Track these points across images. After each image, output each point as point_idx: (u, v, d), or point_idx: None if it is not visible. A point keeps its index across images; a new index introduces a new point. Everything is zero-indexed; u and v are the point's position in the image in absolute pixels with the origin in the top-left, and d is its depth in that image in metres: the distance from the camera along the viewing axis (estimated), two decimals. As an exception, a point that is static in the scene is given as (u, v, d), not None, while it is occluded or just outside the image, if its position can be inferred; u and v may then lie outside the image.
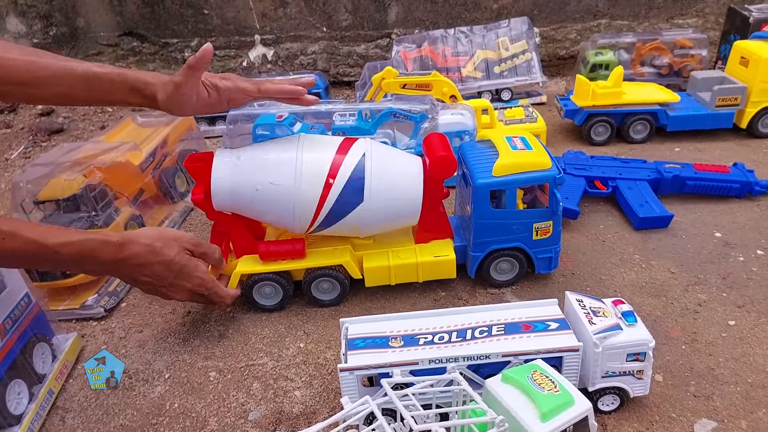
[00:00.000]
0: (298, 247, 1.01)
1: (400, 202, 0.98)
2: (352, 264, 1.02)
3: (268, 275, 1.01)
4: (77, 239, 0.81)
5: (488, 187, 0.97)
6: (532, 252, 1.03)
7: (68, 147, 1.28)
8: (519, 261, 1.04)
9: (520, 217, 1.00)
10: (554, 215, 1.01)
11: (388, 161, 0.98)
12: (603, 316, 0.78)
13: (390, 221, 1.01)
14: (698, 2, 2.17)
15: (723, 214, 1.24)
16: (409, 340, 0.79)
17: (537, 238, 1.02)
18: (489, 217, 0.99)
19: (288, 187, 0.93)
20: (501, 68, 1.89)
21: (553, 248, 1.04)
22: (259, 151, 0.97)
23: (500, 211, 0.99)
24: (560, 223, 1.03)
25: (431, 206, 1.01)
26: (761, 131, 1.58)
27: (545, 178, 0.98)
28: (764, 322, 0.94)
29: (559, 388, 0.67)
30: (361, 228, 1.00)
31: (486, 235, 1.01)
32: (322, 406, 0.84)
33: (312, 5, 2.18)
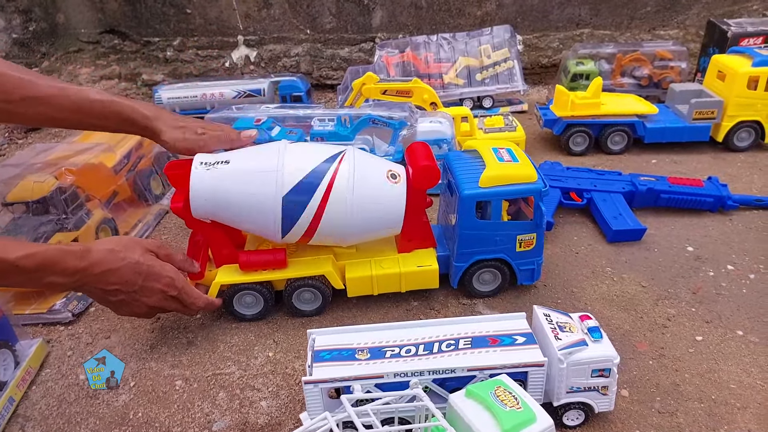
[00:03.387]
0: (280, 257, 1.00)
1: (382, 212, 0.98)
2: (334, 274, 1.02)
3: (249, 285, 1.00)
4: (38, 250, 0.79)
5: (474, 198, 0.97)
6: (515, 264, 1.03)
7: (41, 147, 1.27)
8: (501, 272, 1.04)
9: (505, 228, 1.01)
10: (538, 228, 1.01)
11: (370, 171, 0.97)
12: (569, 332, 0.78)
13: (373, 231, 1.00)
14: (680, 14, 2.19)
15: (696, 228, 1.25)
16: (375, 352, 0.78)
17: (520, 249, 1.02)
18: (474, 228, 1.00)
19: (269, 197, 0.92)
20: (483, 75, 1.90)
21: (536, 260, 1.04)
22: (240, 160, 0.95)
23: (485, 222, 1.00)
24: (543, 236, 1.03)
25: (414, 215, 1.01)
26: (737, 145, 1.59)
27: (531, 191, 0.98)
28: (730, 338, 0.95)
29: (521, 404, 0.67)
30: (344, 237, 0.99)
31: (470, 246, 1.01)
32: (287, 418, 0.83)
33: (296, 7, 2.17)
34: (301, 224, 0.94)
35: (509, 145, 1.05)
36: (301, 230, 0.95)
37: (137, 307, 0.90)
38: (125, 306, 0.90)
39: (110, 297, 0.87)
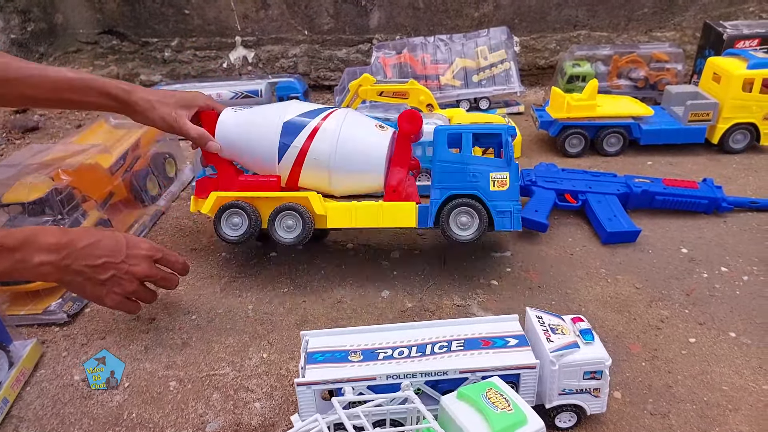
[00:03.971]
0: (273, 180, 1.09)
1: (365, 148, 1.06)
2: (316, 198, 1.07)
3: (239, 203, 1.07)
4: (17, 230, 0.83)
5: (446, 131, 1.06)
6: (491, 204, 1.04)
7: (37, 148, 1.27)
8: (478, 213, 1.04)
9: (476, 162, 1.05)
10: (510, 167, 1.05)
11: (362, 118, 1.10)
12: (561, 334, 0.78)
13: (356, 171, 1.07)
14: (676, 16, 2.19)
15: (690, 230, 1.26)
16: (368, 354, 0.78)
17: (494, 189, 1.04)
18: (447, 161, 1.05)
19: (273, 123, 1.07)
20: (479, 77, 1.90)
21: (512, 204, 1.05)
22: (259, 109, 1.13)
23: (457, 155, 1.06)
24: (518, 180, 1.05)
25: (398, 164, 1.09)
26: (732, 147, 1.60)
27: (498, 128, 1.09)
28: (723, 339, 0.95)
29: (512, 406, 0.67)
30: (330, 174, 1.07)
31: (445, 180, 1.05)
32: (281, 419, 0.84)
33: (294, 8, 2.17)
34: (295, 146, 1.05)
35: None
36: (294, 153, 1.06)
37: (128, 282, 0.93)
38: (117, 284, 0.92)
39: (100, 275, 0.89)
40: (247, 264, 1.19)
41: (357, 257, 1.20)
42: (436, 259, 1.19)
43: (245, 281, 1.14)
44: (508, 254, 1.20)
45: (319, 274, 1.15)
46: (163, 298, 1.09)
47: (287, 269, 1.17)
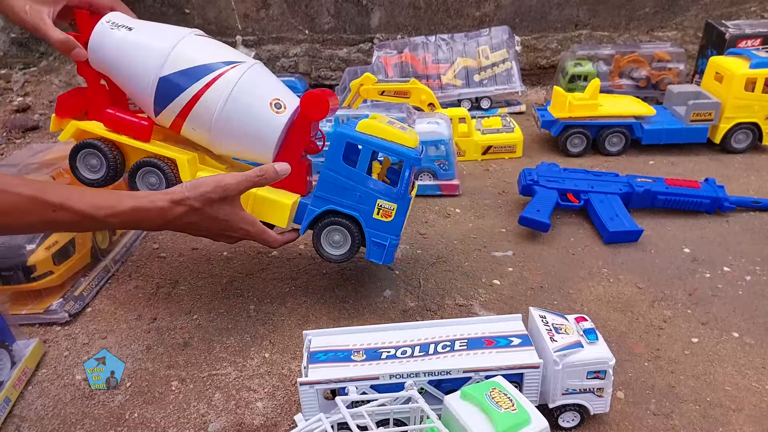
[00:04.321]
0: (145, 124, 0.97)
1: (252, 135, 0.96)
2: (185, 164, 0.98)
3: (97, 144, 0.98)
4: (125, 210, 0.83)
5: (345, 138, 0.93)
6: (368, 231, 0.97)
7: (37, 148, 1.26)
8: (352, 235, 0.97)
9: (366, 184, 0.95)
10: (401, 200, 0.95)
11: (256, 91, 0.95)
12: (565, 333, 0.78)
13: (238, 147, 0.99)
14: (678, 15, 2.19)
15: (692, 230, 1.26)
16: (371, 354, 0.78)
17: (377, 217, 0.96)
18: (336, 171, 0.95)
19: (148, 76, 0.93)
20: (481, 76, 1.90)
21: (390, 238, 0.97)
22: (142, 32, 0.96)
23: (349, 168, 0.94)
24: (405, 214, 0.97)
25: (292, 148, 0.98)
26: (734, 147, 1.60)
27: (402, 154, 0.93)
28: (726, 339, 0.95)
29: (516, 406, 0.67)
30: (213, 133, 0.96)
31: (328, 190, 0.96)
32: (283, 419, 0.84)
33: (295, 7, 2.17)
34: (172, 109, 0.95)
35: None
36: (171, 116, 0.96)
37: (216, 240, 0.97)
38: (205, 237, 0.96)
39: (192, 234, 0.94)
40: (249, 263, 1.18)
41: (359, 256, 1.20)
42: (438, 258, 1.19)
43: (246, 280, 1.13)
44: (509, 254, 1.19)
45: (320, 273, 1.15)
46: (165, 298, 1.09)
47: (288, 268, 1.16)
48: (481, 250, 1.21)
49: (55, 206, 0.77)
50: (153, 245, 1.25)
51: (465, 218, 1.34)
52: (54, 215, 0.78)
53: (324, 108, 0.95)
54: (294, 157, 0.99)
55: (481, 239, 1.25)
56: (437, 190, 1.42)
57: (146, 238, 1.28)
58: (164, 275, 1.15)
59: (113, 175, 1.00)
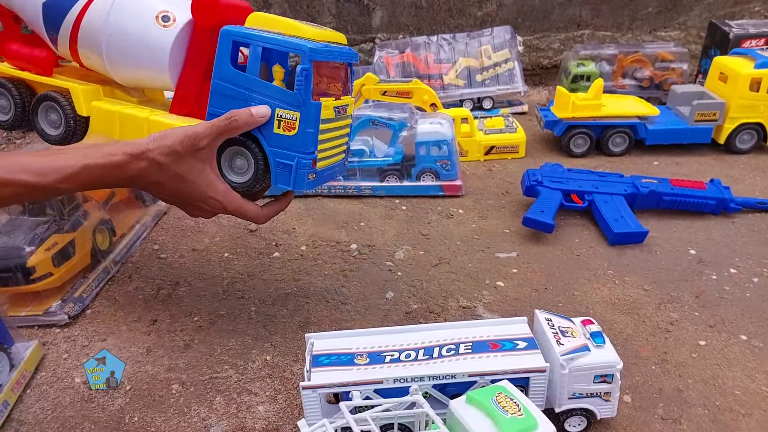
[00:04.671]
0: (42, 55, 0.91)
1: (141, 38, 0.84)
2: (78, 92, 0.89)
3: (2, 82, 0.93)
4: (74, 171, 0.73)
5: (229, 35, 0.79)
6: (270, 150, 0.80)
7: (38, 148, 1.25)
8: (254, 158, 0.81)
9: (261, 90, 0.79)
10: (303, 106, 0.78)
11: (137, 6, 0.85)
12: (571, 337, 0.77)
13: (134, 63, 0.87)
14: (681, 15, 2.18)
15: (698, 231, 1.24)
16: (375, 357, 0.77)
17: (278, 131, 0.80)
18: (226, 78, 0.80)
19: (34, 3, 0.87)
20: (483, 76, 1.89)
21: (299, 157, 0.80)
22: None
23: (239, 74, 0.79)
24: (313, 126, 0.79)
25: (192, 65, 0.86)
26: (738, 147, 1.59)
27: (295, 47, 0.77)
28: (734, 342, 0.94)
29: (523, 411, 0.66)
30: (105, 59, 0.87)
31: (221, 104, 0.81)
32: (285, 423, 0.82)
33: (296, 7, 2.16)
34: (63, 35, 0.87)
35: None
36: (65, 43, 0.88)
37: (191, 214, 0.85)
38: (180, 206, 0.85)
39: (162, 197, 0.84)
40: (250, 264, 1.17)
41: (360, 258, 1.19)
42: (441, 259, 1.17)
43: (248, 282, 1.12)
44: (513, 255, 1.18)
45: (322, 274, 1.14)
46: (165, 299, 1.07)
47: (290, 270, 1.15)
48: (484, 251, 1.20)
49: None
50: (153, 246, 1.24)
51: (468, 219, 1.33)
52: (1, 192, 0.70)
53: (214, 10, 0.80)
54: (196, 76, 0.86)
55: (484, 240, 1.24)
56: (440, 191, 1.41)
57: (146, 239, 1.26)
58: (164, 277, 1.14)
59: (22, 115, 0.95)
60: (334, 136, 0.86)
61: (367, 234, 1.27)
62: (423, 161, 1.39)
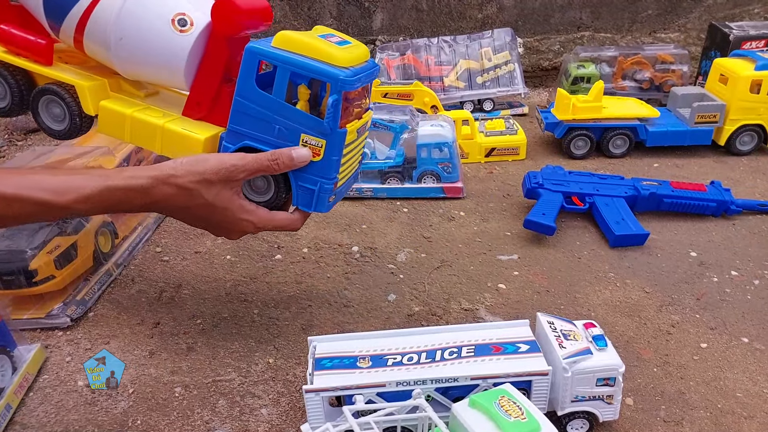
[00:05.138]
0: (42, 42, 0.84)
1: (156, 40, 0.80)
2: (85, 90, 0.84)
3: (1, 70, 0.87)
4: (94, 192, 0.71)
5: (256, 55, 0.76)
6: (293, 173, 0.80)
7: (40, 151, 1.26)
8: (275, 178, 0.81)
9: (286, 114, 0.78)
10: (330, 135, 0.77)
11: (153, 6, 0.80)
12: (574, 340, 0.77)
13: (146, 64, 0.83)
14: (681, 17, 2.18)
15: (699, 233, 1.25)
16: (377, 360, 0.77)
17: None
18: (249, 97, 0.78)
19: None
20: (483, 78, 1.89)
21: (321, 182, 0.80)
22: None
23: (264, 95, 0.77)
24: (338, 153, 0.79)
25: (208, 71, 0.82)
26: (739, 149, 1.59)
27: (326, 75, 0.74)
28: (735, 345, 0.94)
29: (526, 415, 0.66)
30: (114, 55, 0.83)
31: (243, 122, 0.79)
32: (288, 426, 0.83)
33: (297, 9, 2.16)
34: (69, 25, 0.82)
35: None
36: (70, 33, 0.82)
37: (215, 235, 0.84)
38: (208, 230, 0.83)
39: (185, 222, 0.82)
40: (252, 267, 1.17)
41: (362, 260, 1.19)
42: (442, 262, 1.18)
43: (250, 285, 1.12)
44: (515, 257, 1.18)
45: (324, 277, 1.14)
46: (168, 302, 1.08)
47: (292, 273, 1.15)
48: (486, 253, 1.20)
49: (7, 199, 0.67)
50: (156, 249, 1.24)
51: (469, 221, 1.33)
52: (9, 209, 0.68)
53: (236, 18, 0.77)
54: (212, 82, 0.82)
55: (485, 243, 1.24)
56: (441, 193, 1.42)
57: (149, 241, 1.27)
58: (167, 279, 1.14)
59: (19, 103, 0.89)
60: (353, 154, 0.86)
61: (368, 236, 1.27)
62: (424, 163, 1.40)
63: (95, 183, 0.71)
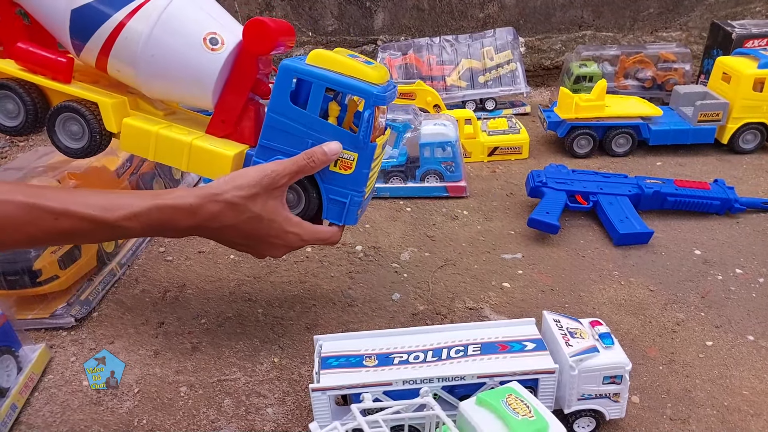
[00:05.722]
0: (62, 61, 0.84)
1: (186, 59, 0.81)
2: (108, 107, 0.84)
3: (9, 85, 0.86)
4: (143, 209, 0.71)
5: (292, 72, 0.78)
6: (324, 186, 0.82)
7: (43, 151, 1.25)
8: (306, 193, 0.83)
9: (320, 129, 0.80)
10: (363, 148, 0.80)
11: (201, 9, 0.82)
12: (580, 338, 0.77)
13: (174, 82, 0.84)
14: (682, 16, 2.18)
15: (703, 231, 1.25)
16: (383, 359, 0.77)
17: (335, 169, 0.82)
18: (284, 113, 0.80)
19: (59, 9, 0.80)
20: (485, 78, 1.89)
21: (352, 195, 0.83)
22: None
23: (299, 110, 0.80)
24: (368, 167, 0.82)
25: (236, 89, 0.84)
26: (742, 147, 1.59)
27: (361, 91, 0.77)
28: (741, 343, 0.94)
29: (533, 412, 0.66)
30: (140, 74, 0.83)
31: (275, 138, 0.81)
32: (294, 425, 0.82)
33: (298, 9, 2.16)
34: (95, 43, 0.81)
35: None
36: (94, 52, 0.83)
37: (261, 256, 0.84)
38: (247, 251, 0.83)
39: (230, 245, 0.82)
40: (257, 266, 1.17)
41: (367, 259, 1.19)
42: (446, 261, 1.18)
43: (254, 284, 1.12)
44: (519, 256, 1.18)
45: (328, 276, 1.14)
46: (172, 302, 1.08)
47: (296, 272, 1.15)
48: (490, 252, 1.20)
49: (56, 213, 0.68)
50: (159, 249, 1.24)
51: (473, 220, 1.33)
52: (56, 224, 0.68)
53: (268, 38, 0.78)
54: (239, 100, 0.84)
55: (489, 241, 1.24)
56: (444, 192, 1.41)
57: (152, 241, 1.27)
58: (171, 279, 1.14)
59: (33, 121, 0.88)
60: (376, 166, 0.88)
61: (372, 236, 1.27)
62: (427, 163, 1.40)
63: (144, 201, 0.72)
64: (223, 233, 0.78)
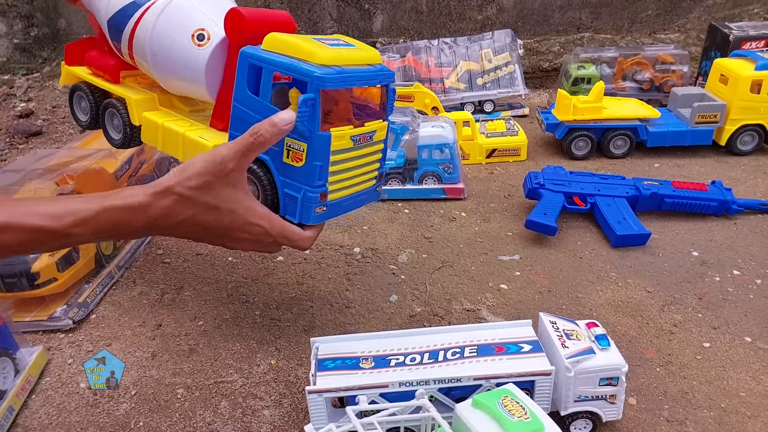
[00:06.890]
0: (112, 63, 0.96)
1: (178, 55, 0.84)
2: (131, 103, 0.93)
3: (81, 87, 1.01)
4: (90, 214, 0.67)
5: (246, 59, 0.75)
6: (279, 179, 0.78)
7: (41, 153, 1.26)
8: (260, 185, 0.78)
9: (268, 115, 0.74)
10: (310, 137, 0.73)
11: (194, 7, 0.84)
12: (576, 339, 0.77)
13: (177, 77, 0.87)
14: (680, 18, 2.19)
15: (700, 233, 1.25)
16: (380, 361, 0.77)
17: (287, 161, 0.76)
18: (242, 102, 0.77)
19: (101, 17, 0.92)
20: (484, 80, 1.89)
21: (305, 189, 0.76)
22: None
23: (253, 98, 0.76)
24: (322, 159, 0.75)
25: (229, 82, 0.82)
26: (740, 149, 1.59)
27: (302, 73, 0.71)
28: (738, 344, 0.94)
29: (529, 414, 0.66)
30: (153, 71, 0.89)
31: (240, 127, 0.76)
32: (291, 427, 0.82)
33: (297, 12, 2.16)
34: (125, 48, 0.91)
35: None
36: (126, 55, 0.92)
37: (227, 248, 0.79)
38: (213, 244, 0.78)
39: (193, 239, 0.77)
40: (254, 268, 1.17)
41: (364, 261, 1.19)
42: (444, 262, 1.18)
43: (252, 286, 1.12)
44: (516, 258, 1.18)
45: (326, 278, 1.14)
46: (169, 304, 1.08)
47: (294, 274, 1.15)
48: (487, 254, 1.20)
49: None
50: (157, 251, 1.24)
51: (471, 222, 1.33)
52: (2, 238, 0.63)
53: (242, 28, 0.77)
54: (230, 92, 0.82)
55: (487, 243, 1.24)
56: (442, 194, 1.42)
57: (150, 243, 1.27)
58: (169, 281, 1.14)
59: (95, 117, 1.02)
60: (355, 165, 0.81)
61: (370, 237, 1.27)
62: (425, 164, 1.40)
63: (92, 204, 0.68)
64: (181, 228, 0.73)
